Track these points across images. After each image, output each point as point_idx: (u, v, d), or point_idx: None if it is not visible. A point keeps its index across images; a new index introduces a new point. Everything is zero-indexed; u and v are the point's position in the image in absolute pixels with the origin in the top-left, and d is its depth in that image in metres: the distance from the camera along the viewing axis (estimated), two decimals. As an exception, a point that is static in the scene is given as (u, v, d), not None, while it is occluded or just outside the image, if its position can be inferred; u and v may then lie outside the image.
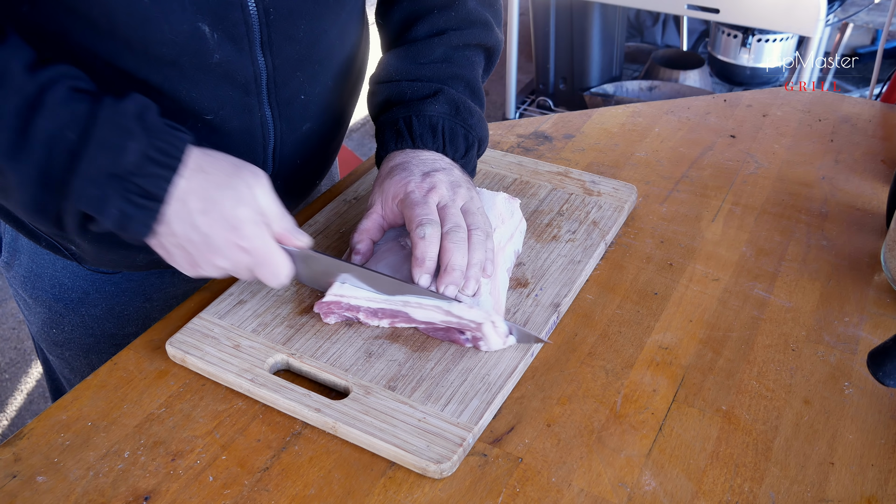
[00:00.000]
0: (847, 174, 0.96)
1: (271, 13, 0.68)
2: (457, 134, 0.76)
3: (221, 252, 0.62)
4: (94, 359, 0.91)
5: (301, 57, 0.73)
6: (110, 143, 0.58)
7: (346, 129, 0.91)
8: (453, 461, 0.58)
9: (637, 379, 0.67)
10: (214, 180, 0.61)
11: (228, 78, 0.69)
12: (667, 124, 1.07)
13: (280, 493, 0.58)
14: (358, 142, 3.09)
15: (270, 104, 0.73)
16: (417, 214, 0.68)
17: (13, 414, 1.94)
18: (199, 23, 0.65)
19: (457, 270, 0.67)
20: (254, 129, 0.74)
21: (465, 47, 0.80)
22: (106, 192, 0.58)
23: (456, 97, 0.77)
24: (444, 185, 0.70)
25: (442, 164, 0.73)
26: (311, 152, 0.83)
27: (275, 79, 0.72)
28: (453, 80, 0.78)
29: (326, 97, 0.79)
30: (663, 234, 0.85)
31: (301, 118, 0.77)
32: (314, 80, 0.76)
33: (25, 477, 0.59)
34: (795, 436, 0.62)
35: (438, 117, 0.75)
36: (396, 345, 0.69)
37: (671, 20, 3.41)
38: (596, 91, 2.71)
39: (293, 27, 0.70)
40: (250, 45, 0.68)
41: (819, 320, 0.73)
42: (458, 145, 0.76)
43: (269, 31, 0.69)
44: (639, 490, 0.58)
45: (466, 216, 0.70)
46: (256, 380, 0.64)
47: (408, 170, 0.72)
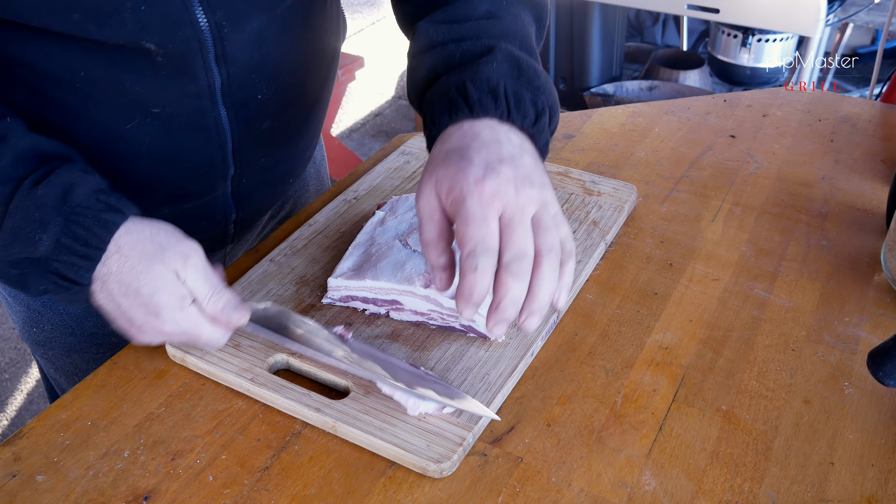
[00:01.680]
0: (847, 174, 0.96)
1: (224, 27, 0.66)
2: (523, 97, 0.61)
3: (148, 333, 0.62)
4: (76, 358, 0.90)
5: (257, 62, 0.71)
6: (22, 234, 0.58)
7: (318, 121, 0.89)
8: (453, 461, 0.58)
9: (637, 379, 0.67)
10: (133, 265, 0.59)
11: (178, 84, 0.68)
12: (667, 124, 1.07)
13: (280, 492, 0.58)
14: (358, 142, 3.09)
15: (225, 105, 0.71)
16: (472, 237, 0.54)
17: (13, 414, 1.94)
18: (144, 41, 0.63)
19: (510, 309, 0.54)
20: (207, 129, 0.72)
21: (509, 4, 0.68)
22: (25, 273, 0.59)
23: (516, 54, 0.64)
24: (511, 186, 0.55)
25: (509, 147, 0.58)
26: (275, 150, 0.81)
27: (229, 84, 0.70)
28: (507, 37, 0.66)
29: (286, 94, 0.77)
30: (663, 234, 0.85)
31: (259, 117, 0.75)
32: (271, 79, 0.73)
33: (25, 476, 0.59)
34: (795, 436, 0.62)
35: (498, 78, 0.61)
36: (396, 344, 0.69)
37: (671, 20, 3.41)
38: (596, 91, 2.71)
39: (248, 36, 0.68)
40: (204, 59, 0.66)
41: (819, 320, 0.73)
42: (525, 110, 0.61)
43: (223, 44, 0.67)
44: (639, 490, 0.58)
45: (538, 233, 0.55)
46: (256, 379, 0.64)
47: (467, 157, 0.57)
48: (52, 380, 0.97)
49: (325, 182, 1.08)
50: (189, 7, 0.63)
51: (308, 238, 0.81)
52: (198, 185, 0.77)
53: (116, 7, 0.61)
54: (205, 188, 0.77)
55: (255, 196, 0.84)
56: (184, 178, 0.75)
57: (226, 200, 0.80)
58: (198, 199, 0.78)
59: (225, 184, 0.78)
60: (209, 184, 0.77)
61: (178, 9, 0.63)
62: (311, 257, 0.79)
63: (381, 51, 3.65)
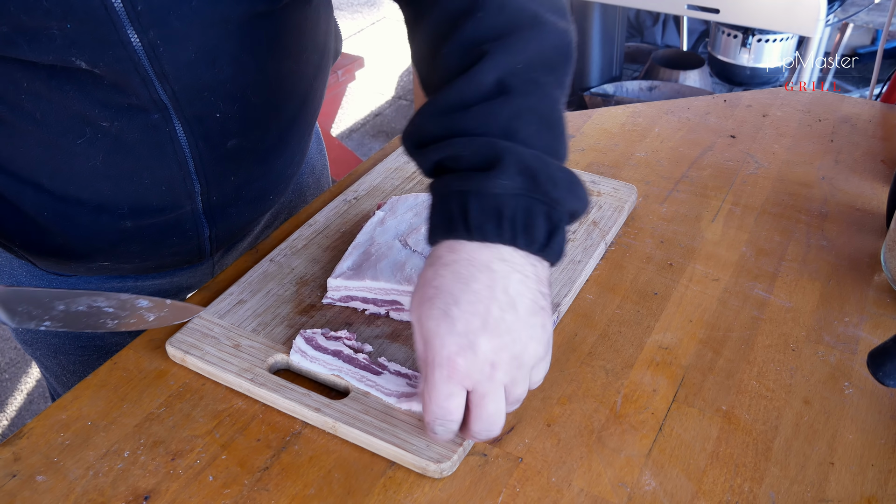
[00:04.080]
0: (847, 174, 0.96)
1: (159, 46, 0.62)
2: (535, 215, 0.54)
3: None
4: (63, 359, 0.90)
5: (208, 81, 0.67)
6: None
7: (303, 138, 0.85)
8: (453, 461, 0.58)
9: (637, 379, 0.67)
10: None
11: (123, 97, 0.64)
12: (667, 124, 1.07)
13: (280, 492, 0.58)
14: (358, 142, 3.09)
15: (179, 120, 0.68)
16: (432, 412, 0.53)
17: (13, 414, 1.94)
18: (74, 59, 0.60)
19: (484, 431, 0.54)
20: (162, 145, 0.68)
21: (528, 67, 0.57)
22: None
23: (529, 160, 0.54)
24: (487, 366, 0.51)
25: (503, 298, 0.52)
26: (248, 168, 0.77)
27: (178, 100, 0.66)
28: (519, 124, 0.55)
29: (254, 114, 0.73)
30: (663, 234, 0.85)
31: (221, 135, 0.71)
32: (231, 98, 0.69)
33: (25, 476, 0.59)
34: (795, 436, 0.62)
35: (507, 198, 0.53)
36: (397, 344, 0.69)
37: (671, 20, 3.41)
38: (596, 91, 2.70)
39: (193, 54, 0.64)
40: (142, 77, 0.63)
41: (819, 320, 0.73)
42: (535, 233, 0.54)
43: (160, 63, 0.63)
44: (639, 490, 0.58)
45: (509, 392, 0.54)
46: (256, 379, 0.64)
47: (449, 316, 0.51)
48: (46, 381, 0.97)
49: (325, 187, 1.06)
50: (118, 27, 0.59)
51: (308, 238, 0.81)
52: (161, 202, 0.74)
53: (43, 24, 0.57)
54: (168, 204, 0.75)
55: (230, 213, 0.81)
56: (145, 193, 0.72)
57: (196, 216, 0.78)
58: (163, 215, 0.76)
59: (192, 200, 0.76)
60: (173, 200, 0.75)
61: (106, 29, 0.59)
62: (311, 257, 0.79)
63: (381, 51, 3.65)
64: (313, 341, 0.66)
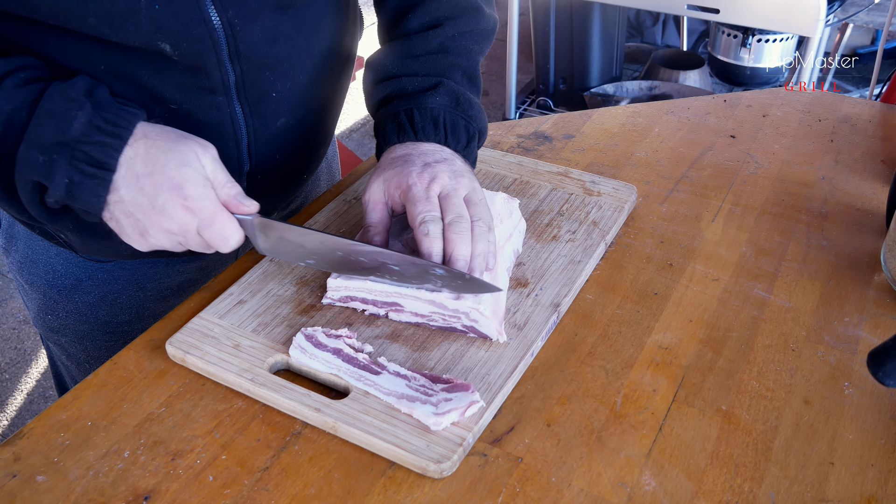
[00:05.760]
0: (847, 174, 0.96)
1: (237, 25, 0.68)
2: (458, 125, 0.76)
3: (167, 214, 0.63)
4: (88, 346, 0.92)
5: (270, 59, 0.74)
6: (58, 112, 0.60)
7: (333, 119, 0.92)
8: (453, 461, 0.58)
9: (637, 379, 0.67)
10: (159, 145, 0.63)
11: (194, 79, 0.70)
12: (667, 124, 1.07)
13: (280, 492, 0.58)
14: (358, 142, 3.09)
15: (240, 101, 0.74)
16: (420, 211, 0.69)
17: (13, 414, 1.94)
18: (159, 41, 0.66)
19: (460, 261, 0.68)
20: (223, 125, 0.75)
21: (459, 36, 0.80)
22: (53, 159, 0.60)
23: (456, 89, 0.78)
24: (446, 175, 0.71)
25: (444, 154, 0.74)
26: (290, 147, 0.83)
27: (244, 80, 0.73)
28: (451, 71, 0.79)
29: (301, 92, 0.80)
30: (663, 234, 0.85)
31: (274, 114, 0.78)
32: (285, 77, 0.76)
33: (25, 476, 0.59)
34: (795, 436, 0.62)
35: (440, 109, 0.76)
36: (396, 344, 0.69)
37: (671, 20, 3.41)
38: (596, 91, 2.71)
39: (261, 34, 0.71)
40: (217, 56, 0.69)
41: (819, 320, 0.73)
42: (459, 136, 0.76)
43: (235, 42, 0.69)
44: (639, 490, 0.58)
45: (469, 207, 0.70)
46: (256, 379, 0.64)
47: (410, 161, 0.72)
48: (63, 367, 0.98)
49: (336, 178, 1.10)
50: (202, 5, 0.66)
51: (308, 238, 0.81)
52: None
53: (131, 9, 0.63)
54: None
55: (269, 192, 0.85)
56: None
57: None
58: None
59: (240, 180, 0.80)
60: None
61: (191, 7, 0.65)
62: (311, 257, 0.79)
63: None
64: (314, 338, 0.67)
